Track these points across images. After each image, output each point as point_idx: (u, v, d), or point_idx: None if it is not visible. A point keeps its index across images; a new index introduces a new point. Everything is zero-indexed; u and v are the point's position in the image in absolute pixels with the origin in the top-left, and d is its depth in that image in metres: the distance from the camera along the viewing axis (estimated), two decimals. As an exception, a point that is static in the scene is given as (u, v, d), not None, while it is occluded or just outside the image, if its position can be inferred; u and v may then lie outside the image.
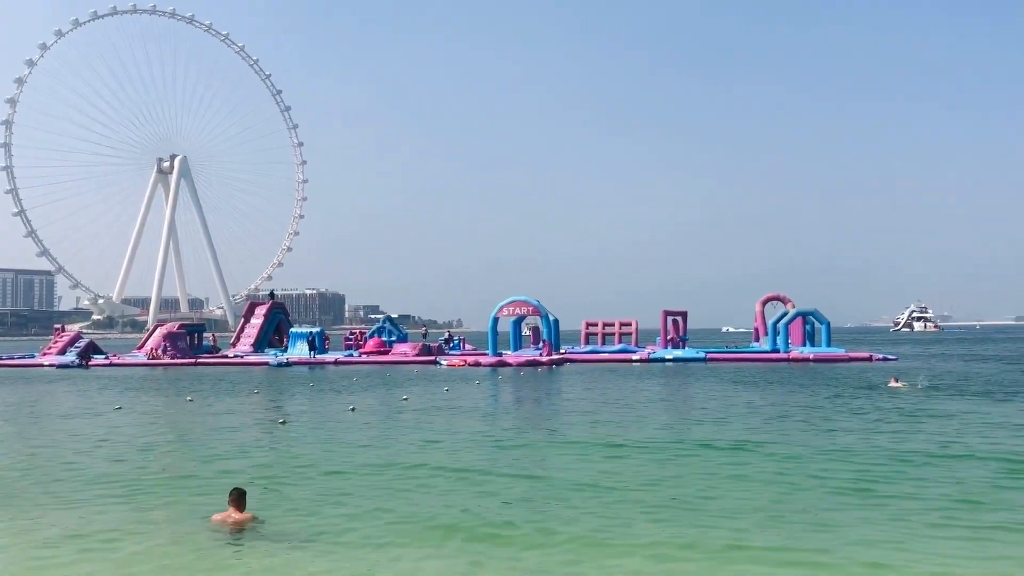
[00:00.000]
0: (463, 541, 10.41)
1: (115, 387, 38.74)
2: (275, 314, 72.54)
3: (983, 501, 12.16)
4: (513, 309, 56.51)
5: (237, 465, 16.06)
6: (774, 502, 12.26)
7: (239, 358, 61.99)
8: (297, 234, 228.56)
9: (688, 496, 12.75)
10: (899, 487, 13.17)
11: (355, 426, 22.33)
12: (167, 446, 19.28)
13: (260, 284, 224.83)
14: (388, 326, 70.26)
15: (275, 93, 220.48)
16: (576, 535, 10.52)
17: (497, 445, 18.47)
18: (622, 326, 65.68)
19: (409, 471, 15.16)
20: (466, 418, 23.90)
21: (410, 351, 58.77)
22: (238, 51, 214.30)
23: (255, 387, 37.03)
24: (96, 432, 21.77)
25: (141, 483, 14.41)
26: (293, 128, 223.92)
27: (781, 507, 11.93)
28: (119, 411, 27.22)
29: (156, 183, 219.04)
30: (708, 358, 54.93)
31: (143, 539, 10.66)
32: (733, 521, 11.12)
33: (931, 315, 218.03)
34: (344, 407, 27.19)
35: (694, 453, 16.84)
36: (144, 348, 66.56)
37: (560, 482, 14.01)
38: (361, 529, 11.05)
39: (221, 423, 23.72)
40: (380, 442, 19.05)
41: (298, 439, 19.84)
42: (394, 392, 33.31)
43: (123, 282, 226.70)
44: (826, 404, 26.37)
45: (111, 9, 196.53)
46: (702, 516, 11.45)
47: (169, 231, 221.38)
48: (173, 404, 30.21)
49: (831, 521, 11.10)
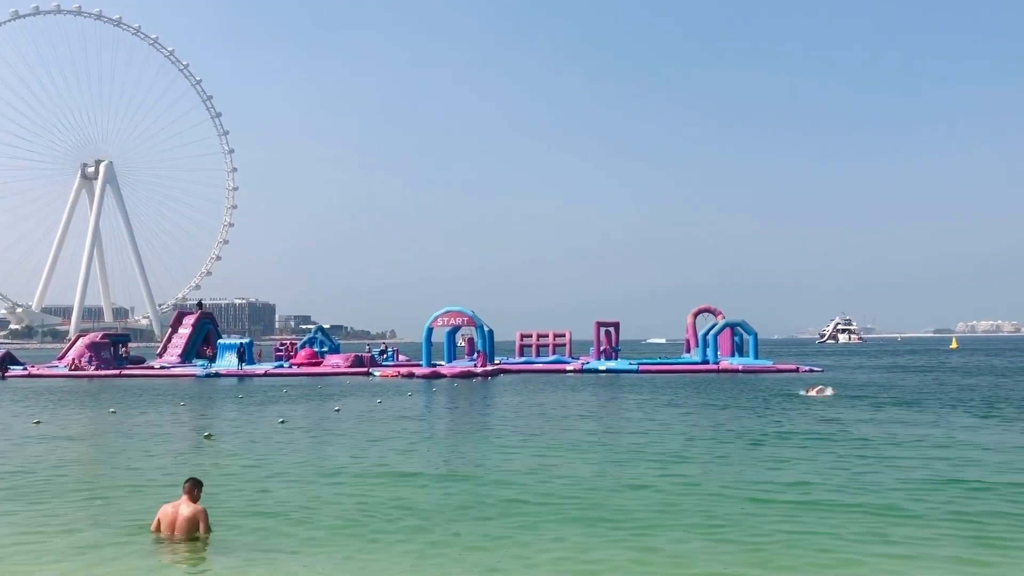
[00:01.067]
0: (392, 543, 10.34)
1: (34, 399, 37.41)
2: (203, 324, 70.93)
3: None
4: (448, 319, 56.38)
5: (158, 479, 15.65)
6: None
7: (165, 369, 60.48)
8: (227, 242, 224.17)
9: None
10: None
11: (285, 438, 21.96)
12: (86, 460, 18.68)
13: (188, 293, 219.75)
14: (320, 337, 69.40)
15: (206, 99, 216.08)
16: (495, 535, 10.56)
17: (428, 453, 18.39)
18: (556, 337, 66.10)
19: (340, 480, 14.97)
20: (398, 429, 23.73)
21: (342, 362, 58.11)
22: (167, 55, 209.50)
23: (181, 399, 36.16)
24: (13, 448, 20.98)
25: (59, 498, 13.94)
26: (224, 135, 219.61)
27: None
28: (39, 425, 26.28)
29: (80, 188, 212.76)
30: (640, 369, 55.59)
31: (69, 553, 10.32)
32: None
33: (855, 327, 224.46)
34: (274, 420, 26.73)
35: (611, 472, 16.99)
36: (65, 359, 64.43)
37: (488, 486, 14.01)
38: (296, 535, 10.96)
39: (145, 436, 23.08)
40: (310, 454, 18.77)
41: (224, 452, 19.43)
42: (326, 404, 32.89)
43: (43, 290, 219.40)
44: (745, 415, 26.98)
45: (33, 9, 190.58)
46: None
47: (93, 238, 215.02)
48: (95, 417, 29.29)
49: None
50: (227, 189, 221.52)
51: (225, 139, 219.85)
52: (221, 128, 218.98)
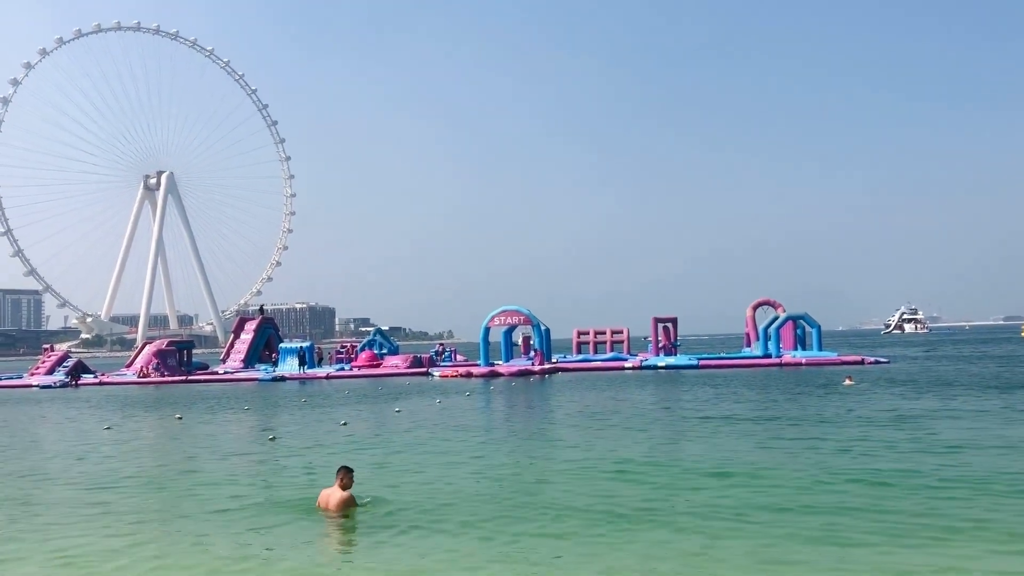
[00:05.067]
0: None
1: (105, 406, 38.39)
2: (265, 329, 72.19)
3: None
4: (504, 319, 56.40)
5: (229, 481, 15.86)
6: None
7: (229, 374, 61.63)
8: (286, 248, 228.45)
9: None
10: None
11: (347, 439, 22.11)
12: (155, 464, 19.05)
13: (249, 299, 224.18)
14: (379, 339, 70.08)
15: (261, 108, 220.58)
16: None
17: (486, 452, 18.34)
18: (613, 334, 65.68)
19: (411, 480, 14.99)
20: (459, 428, 23.73)
21: (402, 364, 58.54)
22: (223, 66, 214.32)
23: (245, 403, 36.76)
24: (87, 451, 21.51)
25: (141, 501, 14.22)
26: (280, 143, 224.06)
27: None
28: (108, 431, 26.93)
29: (143, 200, 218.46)
30: (701, 364, 54.88)
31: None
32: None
33: (921, 316, 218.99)
34: (336, 422, 26.98)
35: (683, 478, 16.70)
36: (133, 366, 66.12)
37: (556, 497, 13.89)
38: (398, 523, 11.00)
39: (211, 440, 23.47)
40: (373, 452, 18.85)
41: (289, 454, 19.63)
42: (387, 405, 33.10)
43: (111, 300, 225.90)
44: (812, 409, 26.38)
45: (95, 27, 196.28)
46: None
47: (157, 248, 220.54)
48: (162, 422, 29.92)
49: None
50: (285, 196, 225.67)
51: (282, 147, 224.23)
52: (277, 136, 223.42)
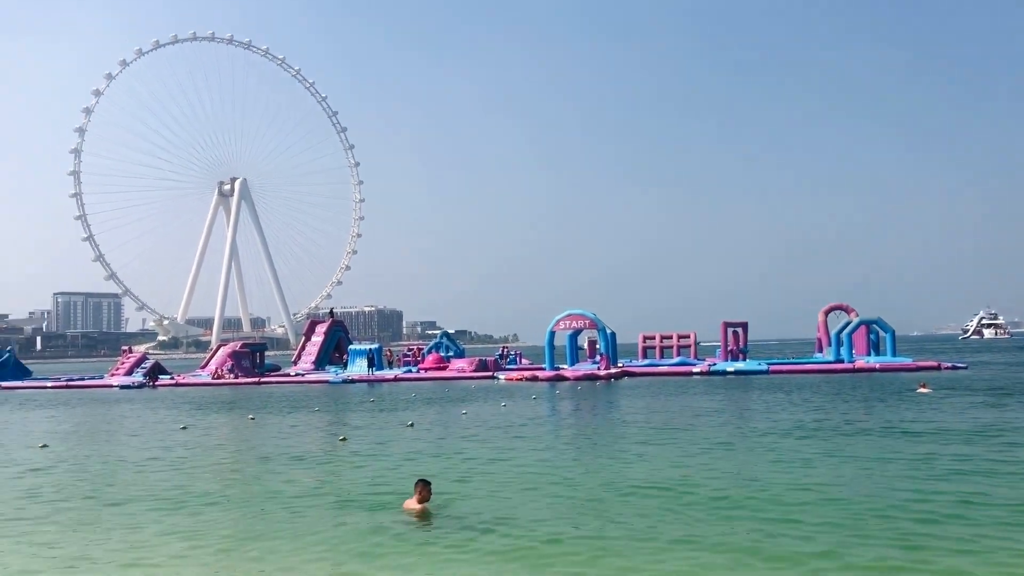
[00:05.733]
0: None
1: (180, 407, 39.50)
2: (335, 332, 73.40)
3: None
4: (569, 323, 56.28)
5: (301, 481, 16.18)
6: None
7: (300, 376, 62.80)
8: (355, 252, 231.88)
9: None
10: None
11: (414, 441, 22.35)
12: (229, 463, 19.54)
13: (320, 302, 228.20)
14: (445, 342, 70.59)
15: (331, 115, 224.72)
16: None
17: (553, 456, 18.34)
18: (680, 338, 64.92)
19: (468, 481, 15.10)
20: (525, 432, 23.78)
21: (468, 366, 58.89)
22: (294, 74, 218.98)
23: (316, 405, 37.43)
24: (163, 450, 22.17)
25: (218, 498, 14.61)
26: (349, 148, 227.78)
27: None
28: (184, 430, 27.71)
29: (218, 206, 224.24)
30: (771, 370, 53.95)
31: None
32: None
33: (1002, 321, 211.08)
34: (403, 423, 27.31)
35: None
36: (208, 368, 67.84)
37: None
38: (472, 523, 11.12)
39: (283, 441, 23.96)
40: (443, 455, 19.01)
41: (359, 454, 19.92)
42: (453, 408, 33.35)
43: (187, 303, 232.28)
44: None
45: (172, 38, 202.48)
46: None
47: (231, 252, 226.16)
48: (236, 423, 30.66)
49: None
50: (354, 201, 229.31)
51: (350, 152, 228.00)
52: (347, 142, 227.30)
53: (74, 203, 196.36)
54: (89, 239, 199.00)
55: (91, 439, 26.35)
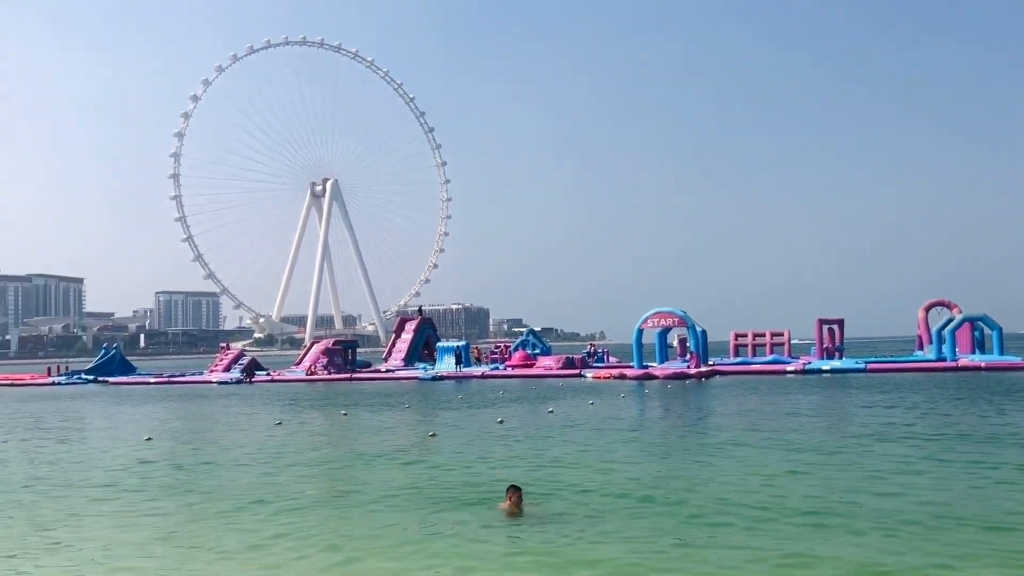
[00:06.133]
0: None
1: (276, 402, 40.54)
2: (424, 329, 74.33)
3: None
4: (658, 320, 55.56)
5: (394, 476, 16.35)
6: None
7: (391, 372, 63.77)
8: (442, 251, 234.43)
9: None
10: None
11: (504, 438, 22.37)
12: (323, 458, 19.92)
13: (409, 300, 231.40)
14: (532, 339, 70.64)
15: (418, 115, 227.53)
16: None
17: (641, 456, 18.08)
18: (773, 336, 63.36)
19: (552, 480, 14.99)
20: (613, 431, 23.55)
21: (554, 364, 58.77)
22: (383, 76, 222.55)
23: (406, 401, 37.90)
24: (260, 444, 22.75)
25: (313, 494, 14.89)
26: (436, 148, 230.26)
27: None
28: (279, 426, 28.39)
29: (310, 206, 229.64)
30: (869, 368, 52.17)
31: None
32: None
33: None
34: (492, 420, 27.38)
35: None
36: (302, 364, 69.55)
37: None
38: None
39: (375, 436, 24.31)
40: (531, 452, 18.96)
41: (449, 450, 20.04)
42: (541, 405, 33.29)
43: (281, 301, 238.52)
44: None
45: (266, 43, 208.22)
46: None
47: (323, 252, 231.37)
48: (329, 418, 31.28)
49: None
50: (441, 200, 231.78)
51: (438, 152, 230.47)
52: (434, 142, 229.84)
53: (174, 205, 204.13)
54: (189, 240, 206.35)
55: (192, 433, 27.27)
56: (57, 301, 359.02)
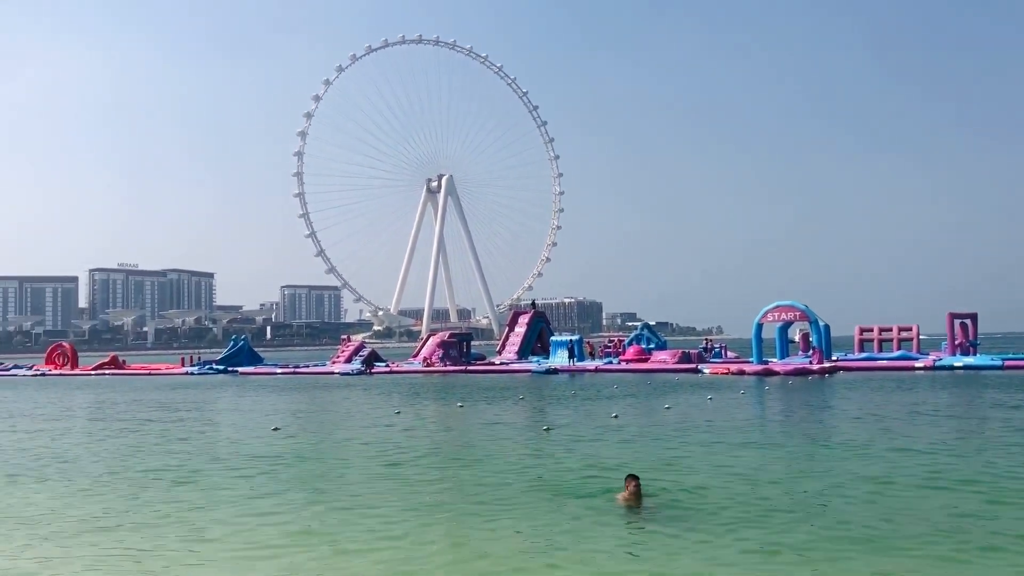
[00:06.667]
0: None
1: (395, 392, 41.52)
2: (537, 323, 74.65)
3: None
4: (779, 315, 54.04)
5: (509, 468, 16.48)
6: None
7: (505, 365, 64.31)
8: (555, 244, 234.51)
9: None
10: None
11: (619, 433, 22.22)
12: (440, 449, 20.27)
13: (522, 294, 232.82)
14: (646, 333, 69.89)
15: (531, 109, 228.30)
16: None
17: (761, 454, 17.61)
18: (900, 331, 60.69)
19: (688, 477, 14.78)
20: (732, 428, 23.05)
21: (670, 359, 57.98)
22: (496, 71, 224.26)
23: (520, 393, 38.15)
24: (381, 433, 23.34)
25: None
26: (549, 142, 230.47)
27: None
28: (398, 415, 29.05)
29: (426, 202, 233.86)
30: (1006, 365, 49.29)
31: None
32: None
33: None
34: (607, 414, 27.24)
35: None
36: (419, 356, 70.96)
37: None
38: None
39: (490, 429, 24.56)
40: (648, 448, 18.78)
41: (564, 444, 20.05)
42: (656, 400, 32.91)
43: (399, 295, 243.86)
44: None
45: (383, 42, 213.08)
46: None
47: (438, 246, 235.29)
48: (446, 409, 31.81)
49: None
50: (553, 193, 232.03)
51: (550, 146, 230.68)
52: (547, 135, 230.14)
53: (298, 202, 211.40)
54: (311, 236, 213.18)
55: (317, 423, 28.25)
56: (190, 295, 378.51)
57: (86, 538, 11.65)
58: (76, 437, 24.72)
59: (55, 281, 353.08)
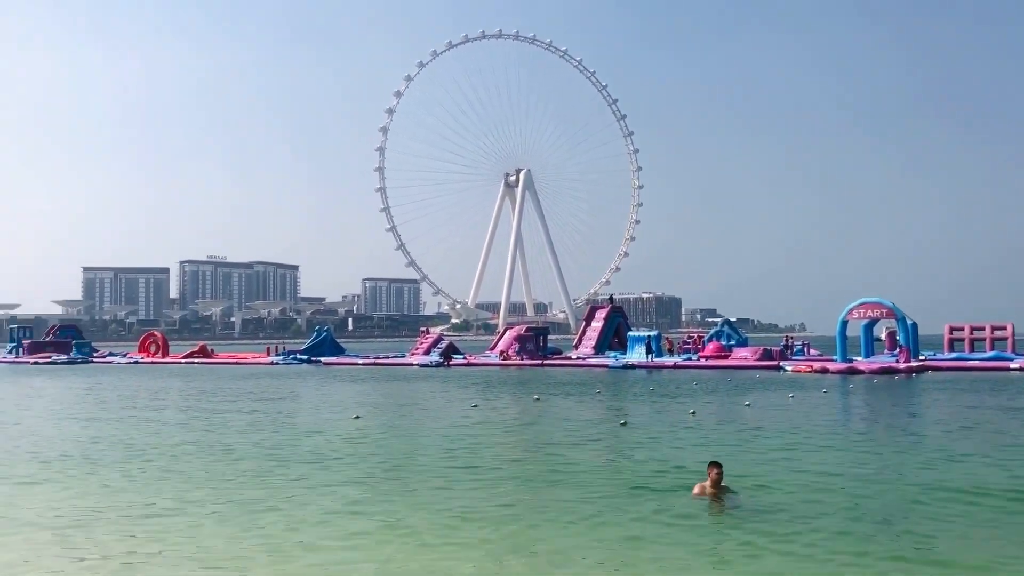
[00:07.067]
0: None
1: (471, 385, 41.89)
2: (614, 318, 74.26)
3: None
4: (864, 312, 52.57)
5: (586, 461, 16.52)
6: None
7: (581, 360, 64.20)
8: (633, 239, 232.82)
9: None
10: None
11: (697, 429, 22.01)
12: (518, 442, 20.40)
13: (599, 288, 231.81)
14: (727, 330, 68.86)
15: (611, 102, 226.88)
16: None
17: (845, 455, 17.22)
18: (994, 330, 58.33)
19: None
20: (815, 427, 22.58)
21: (751, 356, 57.02)
22: (575, 65, 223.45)
23: (596, 388, 38.07)
24: (458, 425, 23.62)
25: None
26: (629, 135, 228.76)
27: None
28: (475, 408, 29.32)
29: (504, 196, 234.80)
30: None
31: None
32: None
33: None
34: (684, 411, 26.99)
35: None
36: (496, 349, 71.33)
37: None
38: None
39: (566, 422, 24.60)
40: (724, 444, 18.55)
41: (641, 439, 19.97)
42: (736, 398, 32.44)
43: (476, 288, 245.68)
44: None
45: (463, 37, 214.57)
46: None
47: (516, 240, 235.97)
48: (522, 402, 31.96)
49: None
50: (633, 188, 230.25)
51: (630, 139, 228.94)
52: (626, 129, 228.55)
53: (379, 197, 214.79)
54: (392, 230, 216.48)
55: (396, 413, 28.74)
56: (275, 286, 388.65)
57: (175, 521, 12.14)
58: (166, 424, 25.72)
59: (148, 272, 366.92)
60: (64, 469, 16.64)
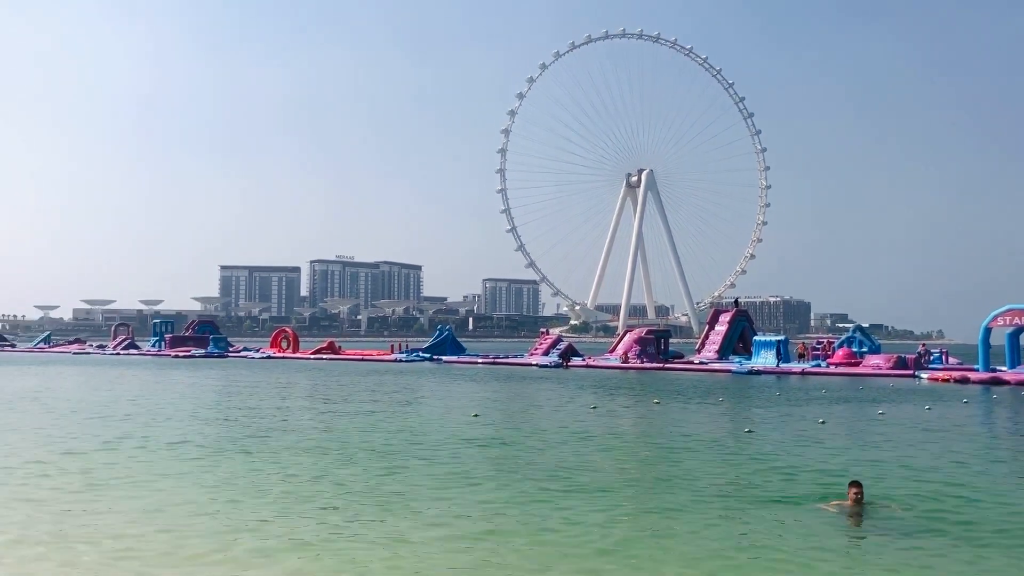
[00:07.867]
0: None
1: (590, 387, 41.62)
2: (739, 322, 72.44)
3: None
4: (1011, 318, 49.27)
5: (709, 468, 16.07)
6: None
7: (704, 364, 62.88)
8: (760, 241, 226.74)
9: None
10: None
11: (827, 438, 21.09)
12: (638, 446, 20.05)
13: (723, 291, 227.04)
14: (859, 336, 66.12)
15: (738, 101, 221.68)
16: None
17: (987, 471, 16.09)
18: None
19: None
20: (956, 439, 21.26)
21: (883, 363, 54.48)
22: (701, 63, 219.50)
23: (720, 394, 37.14)
24: (575, 429, 23.46)
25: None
26: (756, 135, 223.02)
27: None
28: (594, 410, 29.07)
29: (625, 197, 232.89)
30: None
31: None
32: None
33: None
34: (813, 420, 25.95)
35: None
36: (616, 351, 70.73)
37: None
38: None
39: (687, 428, 24.06)
40: (856, 456, 17.69)
41: (767, 448, 19.28)
42: (868, 407, 30.99)
43: (596, 290, 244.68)
44: None
45: (586, 38, 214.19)
46: None
47: (637, 242, 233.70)
48: (642, 406, 31.49)
49: None
50: (760, 188, 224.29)
51: (757, 139, 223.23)
52: (753, 128, 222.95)
53: (500, 198, 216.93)
54: (512, 231, 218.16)
55: (514, 412, 28.83)
56: (399, 286, 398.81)
57: (302, 508, 12.47)
58: (300, 413, 26.60)
59: (280, 271, 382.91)
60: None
